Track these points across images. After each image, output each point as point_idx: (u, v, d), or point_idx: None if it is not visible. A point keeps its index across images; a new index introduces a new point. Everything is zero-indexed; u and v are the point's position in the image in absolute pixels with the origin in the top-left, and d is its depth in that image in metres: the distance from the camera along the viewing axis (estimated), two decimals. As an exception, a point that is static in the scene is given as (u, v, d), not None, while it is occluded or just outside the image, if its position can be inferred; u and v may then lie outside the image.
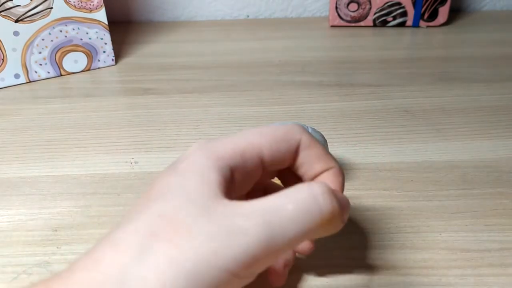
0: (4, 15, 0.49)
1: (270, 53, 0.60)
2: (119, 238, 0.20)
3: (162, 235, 0.20)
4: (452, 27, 0.68)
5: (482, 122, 0.44)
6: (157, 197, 0.21)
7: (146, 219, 0.20)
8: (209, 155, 0.23)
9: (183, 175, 0.22)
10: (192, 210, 0.20)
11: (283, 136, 0.24)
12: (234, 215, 0.20)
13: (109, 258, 0.20)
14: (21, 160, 0.40)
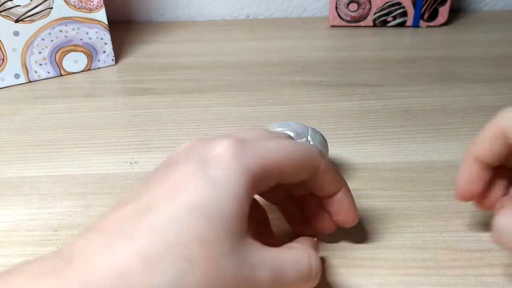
0: (4, 15, 0.49)
1: (270, 53, 0.60)
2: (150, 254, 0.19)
3: (197, 265, 0.20)
4: (452, 27, 0.68)
5: (482, 122, 0.43)
6: (191, 208, 0.20)
7: (179, 237, 0.20)
8: (244, 171, 0.22)
9: (220, 191, 0.21)
10: (227, 243, 0.20)
11: (305, 161, 0.25)
12: (255, 261, 0.21)
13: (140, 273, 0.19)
14: (21, 160, 0.40)
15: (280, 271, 0.22)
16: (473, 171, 0.28)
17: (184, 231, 0.20)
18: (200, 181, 0.21)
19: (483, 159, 0.27)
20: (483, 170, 0.28)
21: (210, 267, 0.20)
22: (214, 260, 0.20)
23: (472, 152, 0.28)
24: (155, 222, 0.20)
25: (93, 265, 0.19)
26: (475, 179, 0.28)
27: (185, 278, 0.19)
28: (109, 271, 0.19)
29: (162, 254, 0.19)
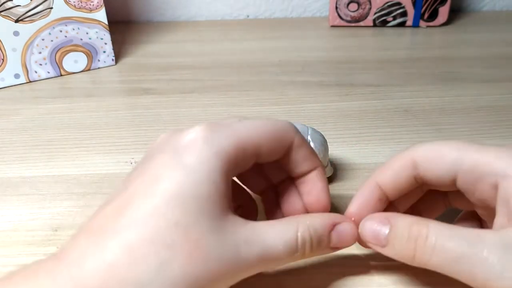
0: (4, 15, 0.49)
1: (270, 53, 0.60)
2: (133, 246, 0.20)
3: (179, 250, 0.20)
4: (452, 27, 0.68)
5: (482, 122, 0.44)
6: (167, 197, 0.21)
7: (159, 225, 0.21)
8: (218, 153, 0.22)
9: (194, 176, 0.22)
10: (206, 224, 0.21)
11: (279, 135, 0.25)
12: (238, 240, 0.22)
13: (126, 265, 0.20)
14: (21, 160, 0.40)
15: (266, 246, 0.23)
16: (370, 199, 0.26)
17: (162, 220, 0.21)
18: (174, 170, 0.22)
19: (384, 188, 0.26)
20: (380, 201, 0.26)
21: (192, 250, 0.21)
22: (194, 242, 0.21)
23: (374, 179, 0.26)
24: (135, 215, 0.21)
25: (82, 262, 0.20)
26: (369, 207, 0.26)
27: (169, 264, 0.20)
28: (97, 266, 0.20)
29: (144, 244, 0.20)
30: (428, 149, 0.25)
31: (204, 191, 0.21)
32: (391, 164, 0.26)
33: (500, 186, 0.23)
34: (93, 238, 0.21)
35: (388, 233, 0.24)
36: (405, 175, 0.26)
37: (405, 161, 0.26)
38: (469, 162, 0.24)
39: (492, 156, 0.23)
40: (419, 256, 0.23)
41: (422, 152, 0.25)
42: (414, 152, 0.26)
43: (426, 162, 0.25)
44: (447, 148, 0.25)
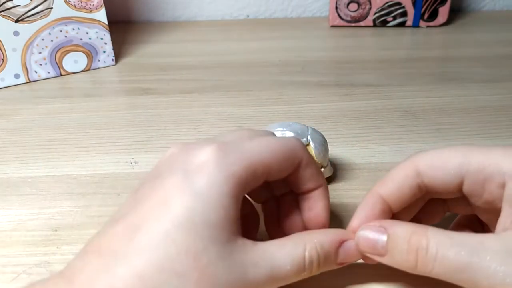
0: (4, 15, 0.49)
1: (270, 53, 0.60)
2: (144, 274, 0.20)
3: (189, 278, 0.21)
4: (452, 27, 0.68)
5: (482, 122, 0.44)
6: (177, 223, 0.21)
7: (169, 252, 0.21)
8: (229, 177, 0.22)
9: (204, 202, 0.22)
10: (215, 251, 0.21)
11: (289, 155, 0.25)
12: (247, 263, 0.22)
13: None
14: (21, 160, 0.40)
15: (275, 267, 0.23)
16: (373, 212, 0.26)
17: (173, 246, 0.21)
18: (185, 194, 0.22)
19: (388, 200, 0.26)
20: (384, 213, 0.26)
21: (201, 277, 0.21)
22: (204, 269, 0.21)
23: (377, 191, 0.26)
24: (146, 241, 0.21)
25: (93, 286, 0.20)
26: (372, 219, 0.26)
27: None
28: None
29: (155, 271, 0.20)
30: (431, 156, 0.25)
31: (214, 217, 0.21)
32: (394, 175, 0.26)
33: (507, 185, 0.23)
34: (103, 262, 0.21)
35: (386, 242, 0.24)
36: (409, 185, 0.25)
37: (408, 170, 0.25)
38: (475, 164, 0.24)
39: (498, 156, 0.23)
40: (420, 266, 0.23)
41: (426, 160, 0.25)
42: (417, 160, 0.25)
43: (431, 170, 0.25)
44: (451, 153, 0.24)
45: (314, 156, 0.33)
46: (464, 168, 0.24)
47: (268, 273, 0.22)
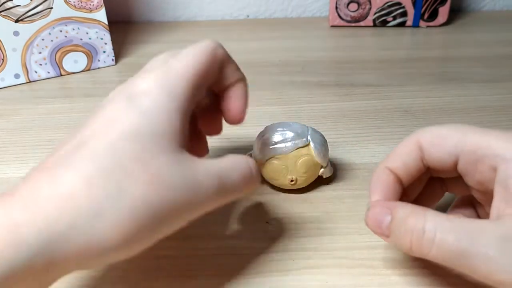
0: (4, 15, 0.49)
1: (270, 53, 0.60)
2: (92, 176, 0.20)
3: (140, 178, 0.21)
4: (452, 27, 0.68)
5: (482, 122, 0.44)
6: (125, 135, 0.22)
7: (118, 159, 0.21)
8: (171, 95, 0.23)
9: (149, 117, 0.22)
10: (164, 159, 0.22)
11: (214, 57, 0.26)
12: (196, 171, 0.23)
13: (83, 194, 0.20)
14: (21, 160, 0.40)
15: (223, 175, 0.24)
16: (389, 182, 0.26)
17: (121, 154, 0.21)
18: (130, 113, 0.22)
19: (396, 172, 0.27)
20: (397, 183, 0.27)
21: (153, 179, 0.21)
22: (154, 172, 0.21)
23: (385, 165, 0.27)
24: (93, 150, 0.21)
25: (37, 194, 0.20)
26: (391, 191, 0.26)
27: (129, 191, 0.21)
28: (53, 196, 0.20)
29: (104, 175, 0.21)
30: (433, 132, 0.26)
31: (161, 129, 0.22)
32: (400, 149, 0.27)
33: (499, 168, 0.23)
34: (47, 173, 0.21)
35: (390, 222, 0.24)
36: (413, 158, 0.26)
37: (412, 145, 0.26)
38: (470, 144, 0.24)
39: (492, 139, 0.24)
40: (416, 248, 0.23)
41: (427, 135, 0.26)
42: (420, 135, 0.26)
43: (430, 145, 0.26)
44: (450, 131, 0.25)
45: (314, 156, 0.33)
46: (460, 147, 0.24)
47: (217, 182, 0.23)
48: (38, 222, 0.19)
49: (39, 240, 0.19)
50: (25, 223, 0.19)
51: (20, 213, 0.19)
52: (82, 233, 0.20)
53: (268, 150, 0.33)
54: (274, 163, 0.33)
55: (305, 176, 0.33)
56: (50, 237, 0.19)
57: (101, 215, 0.20)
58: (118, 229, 0.20)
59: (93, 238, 0.20)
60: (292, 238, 0.31)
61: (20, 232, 0.19)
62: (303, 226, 0.32)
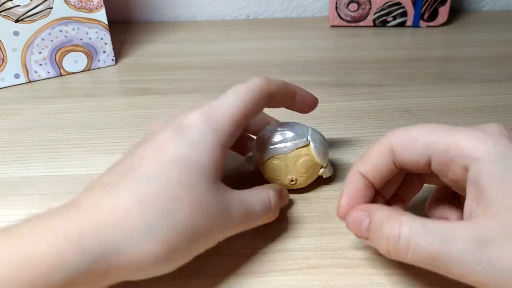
0: (4, 15, 0.49)
1: (270, 53, 0.60)
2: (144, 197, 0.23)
3: (185, 203, 0.24)
4: (452, 27, 0.68)
5: (482, 122, 0.44)
6: (173, 162, 0.25)
7: (166, 183, 0.24)
8: (216, 130, 0.26)
9: (196, 148, 0.25)
10: (206, 186, 0.25)
11: (262, 96, 0.29)
12: (229, 200, 0.26)
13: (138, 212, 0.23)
14: (21, 160, 0.40)
15: (248, 206, 0.27)
16: (357, 188, 0.27)
17: (169, 178, 0.24)
18: (178, 143, 0.25)
19: (368, 177, 0.27)
20: (368, 188, 0.27)
21: (195, 204, 0.24)
22: (197, 198, 0.24)
23: (357, 169, 0.27)
24: (145, 174, 0.24)
25: (98, 208, 0.23)
26: (359, 197, 0.27)
27: (176, 214, 0.24)
28: (112, 211, 0.23)
29: (154, 196, 0.23)
30: (403, 134, 0.26)
31: (204, 160, 0.25)
32: (371, 153, 0.27)
33: (469, 168, 0.23)
34: (106, 190, 0.24)
35: (368, 226, 0.25)
36: (385, 162, 0.26)
37: (384, 148, 0.26)
38: (441, 144, 0.24)
39: (463, 138, 0.24)
40: (393, 253, 0.23)
41: (398, 137, 0.26)
42: (391, 138, 0.26)
43: (402, 147, 0.26)
44: (420, 132, 0.25)
45: (314, 156, 0.33)
46: (431, 148, 0.25)
47: (244, 210, 0.27)
48: (100, 233, 0.22)
49: (101, 248, 0.22)
50: (90, 233, 0.22)
51: (86, 224, 0.22)
52: (133, 246, 0.22)
53: (268, 150, 0.33)
54: (274, 163, 0.33)
55: (305, 176, 0.33)
56: (108, 246, 0.22)
57: (150, 232, 0.23)
58: (163, 244, 0.23)
59: (141, 251, 0.23)
60: (292, 238, 0.31)
61: (86, 240, 0.22)
62: (303, 226, 0.32)
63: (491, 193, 0.22)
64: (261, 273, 0.28)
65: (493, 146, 0.23)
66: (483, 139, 0.23)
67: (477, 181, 0.23)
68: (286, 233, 0.31)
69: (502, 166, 0.22)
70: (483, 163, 0.22)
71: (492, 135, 0.23)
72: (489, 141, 0.23)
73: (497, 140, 0.23)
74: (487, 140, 0.23)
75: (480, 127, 0.24)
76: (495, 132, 0.24)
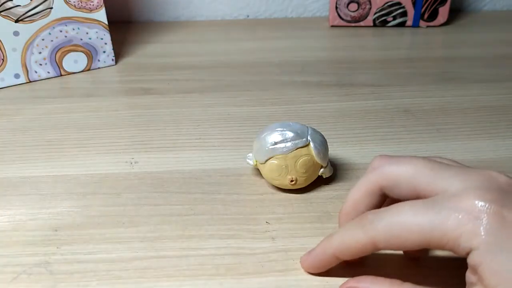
0: (4, 15, 0.49)
1: (270, 53, 0.60)
2: None
3: None
4: (452, 27, 0.68)
5: (482, 122, 0.44)
6: None
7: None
8: None
9: None
10: None
11: None
12: None
13: None
14: (21, 160, 0.40)
15: None
16: None
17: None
18: None
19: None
20: None
21: None
22: None
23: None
24: None
25: None
26: None
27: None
28: None
29: None
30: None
31: None
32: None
33: (468, 255, 0.23)
34: None
35: None
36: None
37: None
38: (433, 233, 0.23)
39: (453, 230, 0.22)
40: None
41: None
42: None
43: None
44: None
45: (314, 156, 0.33)
46: (423, 230, 0.23)
47: None
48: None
49: None
50: None
51: None
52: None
53: (268, 150, 0.33)
54: (274, 163, 0.33)
55: (305, 176, 0.33)
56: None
57: None
58: None
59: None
60: (292, 238, 0.31)
61: None
62: (303, 226, 0.32)
63: (489, 282, 0.22)
64: (261, 273, 0.28)
65: (487, 236, 0.22)
66: (474, 229, 0.22)
67: (474, 268, 0.22)
68: (286, 233, 0.31)
69: (498, 258, 0.22)
70: (478, 255, 0.22)
71: (483, 214, 0.22)
72: (481, 231, 0.22)
73: (489, 225, 0.22)
74: (478, 228, 0.22)
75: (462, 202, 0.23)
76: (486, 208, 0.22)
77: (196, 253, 0.30)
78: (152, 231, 0.31)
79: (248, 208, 0.34)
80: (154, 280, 0.28)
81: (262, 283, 0.28)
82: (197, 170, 0.38)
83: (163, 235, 0.31)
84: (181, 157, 0.39)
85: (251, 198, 0.34)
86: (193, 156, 0.39)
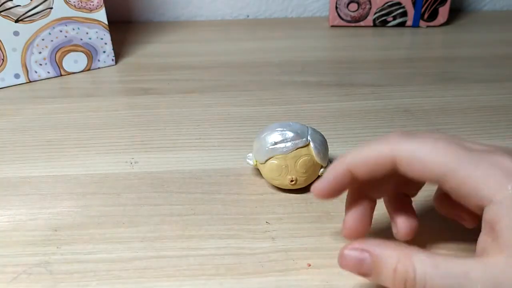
0: (4, 15, 0.49)
1: (270, 53, 0.60)
2: None
3: None
4: (452, 27, 0.68)
5: (482, 122, 0.44)
6: None
7: None
8: None
9: None
10: None
11: None
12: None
13: None
14: (21, 160, 0.40)
15: None
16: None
17: None
18: None
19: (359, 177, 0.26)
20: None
21: None
22: None
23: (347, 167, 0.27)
24: None
25: None
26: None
27: None
28: None
29: None
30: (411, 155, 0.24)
31: None
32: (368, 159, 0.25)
33: (485, 209, 0.22)
34: None
35: (370, 263, 0.24)
36: (383, 171, 0.25)
37: (383, 159, 0.25)
38: (453, 180, 0.23)
39: (480, 178, 0.22)
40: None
41: (404, 152, 0.24)
42: (395, 151, 0.24)
43: (407, 165, 0.24)
44: (429, 155, 0.23)
45: (314, 156, 0.33)
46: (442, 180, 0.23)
47: None
48: None
49: None
50: None
51: None
52: None
53: (268, 150, 0.33)
54: (274, 163, 0.33)
55: (305, 176, 0.33)
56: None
57: None
58: None
59: None
60: (292, 238, 0.31)
61: None
62: (303, 226, 0.32)
63: (506, 238, 0.21)
64: (261, 273, 0.28)
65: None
66: (502, 182, 0.22)
67: (492, 223, 0.22)
68: (286, 233, 0.31)
69: None
70: (500, 209, 0.22)
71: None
72: (509, 185, 0.22)
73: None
74: (507, 185, 0.22)
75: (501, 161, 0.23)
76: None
77: (196, 253, 0.30)
78: (152, 231, 0.32)
79: (248, 208, 0.34)
80: (154, 280, 0.28)
81: (262, 283, 0.28)
82: (197, 170, 0.38)
83: (163, 235, 0.31)
84: (181, 157, 0.39)
85: (251, 198, 0.34)
86: (193, 156, 0.40)
